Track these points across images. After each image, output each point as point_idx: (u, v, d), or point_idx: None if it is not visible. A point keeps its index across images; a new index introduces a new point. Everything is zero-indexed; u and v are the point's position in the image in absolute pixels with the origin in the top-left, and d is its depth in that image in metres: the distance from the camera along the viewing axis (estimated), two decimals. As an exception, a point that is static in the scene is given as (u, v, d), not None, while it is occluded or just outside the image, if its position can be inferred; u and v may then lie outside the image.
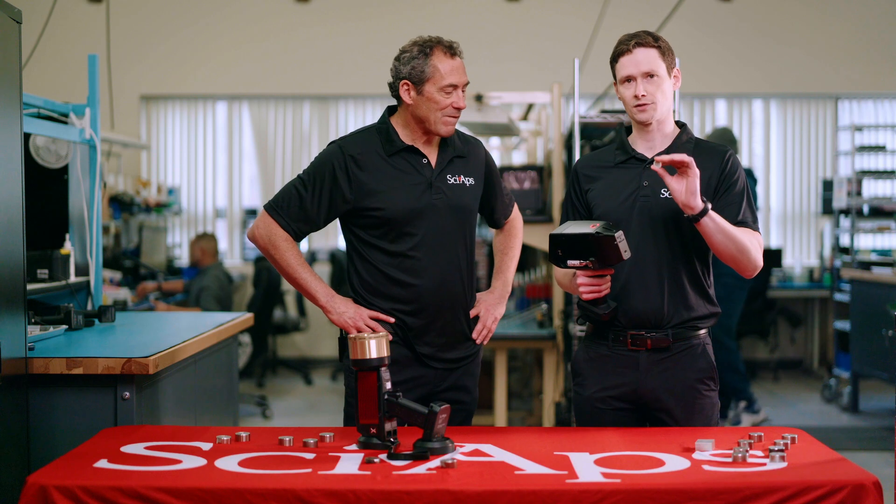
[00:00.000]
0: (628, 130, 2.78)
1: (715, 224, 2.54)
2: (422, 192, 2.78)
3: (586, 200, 2.76)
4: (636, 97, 2.64)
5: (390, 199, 2.76)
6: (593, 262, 2.55)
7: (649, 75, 2.64)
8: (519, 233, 3.08)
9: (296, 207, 2.80)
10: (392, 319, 2.79)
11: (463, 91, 2.78)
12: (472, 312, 2.89)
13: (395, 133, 2.82)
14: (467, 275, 2.87)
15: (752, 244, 2.60)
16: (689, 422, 2.66)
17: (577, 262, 2.57)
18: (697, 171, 2.50)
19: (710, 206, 2.53)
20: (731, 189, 2.66)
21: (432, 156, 2.83)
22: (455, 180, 2.83)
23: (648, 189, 2.67)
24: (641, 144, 2.73)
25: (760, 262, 2.64)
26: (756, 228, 2.66)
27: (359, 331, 2.76)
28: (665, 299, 2.65)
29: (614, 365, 2.70)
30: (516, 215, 3.08)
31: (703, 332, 2.71)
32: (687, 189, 2.50)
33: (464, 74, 2.78)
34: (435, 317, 2.80)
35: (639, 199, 2.67)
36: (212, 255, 6.93)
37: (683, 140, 2.72)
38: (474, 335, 2.89)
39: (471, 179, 2.87)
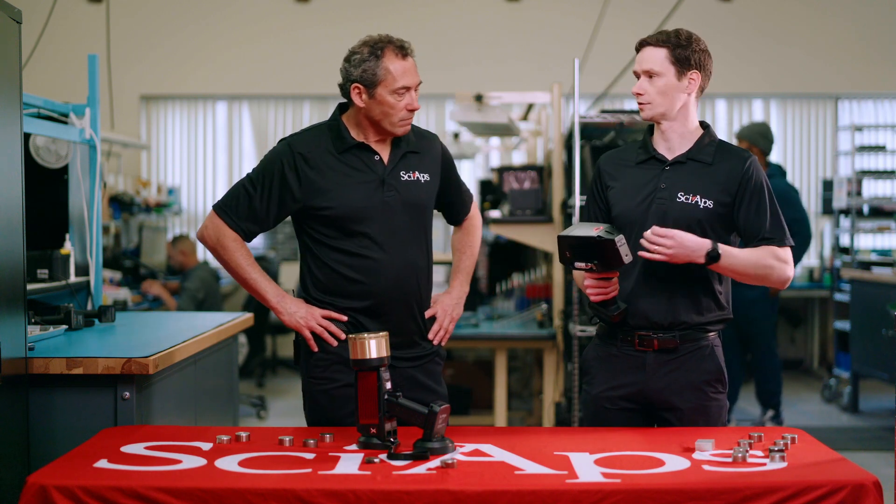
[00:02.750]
0: (653, 129, 2.77)
1: (726, 265, 2.57)
2: (374, 190, 2.73)
3: (607, 198, 2.77)
4: (635, 93, 2.70)
5: (341, 198, 2.71)
6: (596, 264, 2.57)
7: (649, 74, 2.66)
8: (477, 231, 3.03)
9: (244, 207, 2.75)
10: (345, 318, 2.74)
11: (416, 91, 2.72)
12: (429, 313, 2.83)
13: (346, 130, 2.77)
14: (423, 273, 2.81)
15: (770, 268, 2.61)
16: (695, 424, 2.65)
17: (582, 265, 2.59)
18: (669, 245, 2.52)
19: (717, 251, 2.54)
20: (754, 200, 2.64)
21: (384, 152, 2.77)
22: (409, 177, 2.78)
23: (665, 191, 2.67)
24: (662, 144, 2.73)
25: (787, 277, 2.65)
26: (783, 243, 2.64)
27: (311, 331, 2.73)
28: (674, 302, 2.66)
29: (622, 365, 2.71)
30: (475, 212, 3.02)
31: (712, 334, 2.70)
32: (678, 258, 2.54)
33: (416, 75, 2.71)
34: (389, 316, 2.74)
35: (655, 200, 2.67)
36: (193, 255, 6.92)
37: (706, 142, 2.71)
38: (430, 336, 2.83)
39: (426, 175, 2.81)
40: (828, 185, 8.78)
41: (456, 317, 2.89)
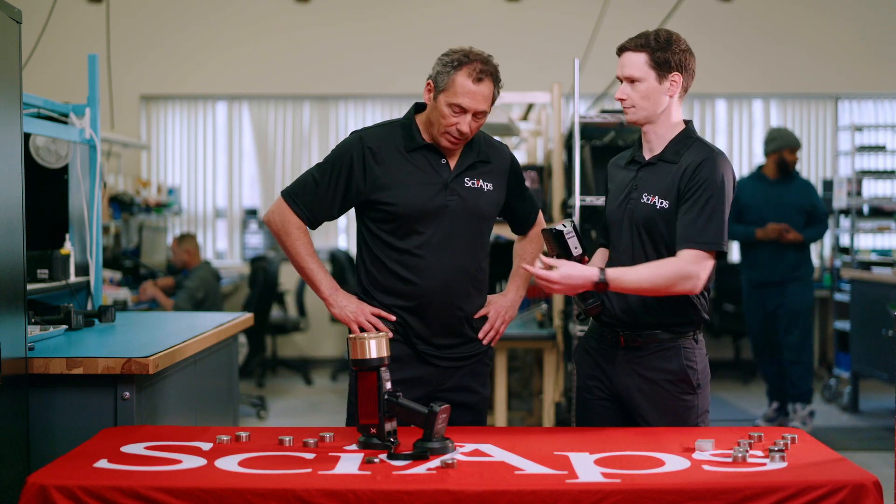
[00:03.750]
0: None
1: (617, 288, 2.60)
2: (436, 193, 2.77)
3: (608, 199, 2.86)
4: (617, 99, 2.72)
5: (403, 196, 2.75)
6: (559, 256, 2.66)
7: (630, 80, 2.68)
8: (541, 239, 3.05)
9: (311, 195, 2.80)
10: (393, 318, 2.78)
11: (476, 118, 2.71)
12: (481, 313, 2.88)
13: (418, 130, 2.81)
14: (475, 279, 2.85)
15: (670, 283, 2.57)
16: (663, 423, 2.67)
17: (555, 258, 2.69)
18: (555, 286, 2.57)
19: (604, 280, 2.56)
20: (690, 199, 2.61)
21: (453, 157, 2.81)
22: (473, 184, 2.81)
23: (636, 193, 2.72)
24: (645, 146, 2.78)
25: (693, 288, 2.58)
26: (693, 246, 2.57)
27: (360, 326, 2.77)
28: (642, 301, 2.68)
29: (598, 359, 2.79)
30: (541, 221, 3.06)
31: (683, 336, 2.70)
32: (570, 292, 2.63)
33: (482, 102, 2.69)
34: (434, 317, 2.79)
35: (629, 202, 2.72)
36: (197, 254, 6.92)
37: (678, 142, 2.71)
38: (480, 335, 2.88)
39: (490, 185, 2.84)
40: (828, 185, 8.77)
41: (509, 319, 2.93)
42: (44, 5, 5.20)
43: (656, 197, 2.66)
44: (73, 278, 3.78)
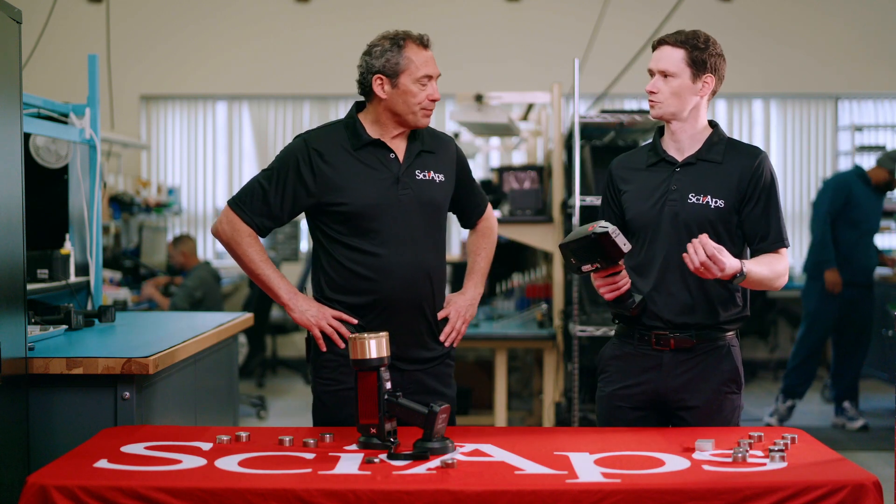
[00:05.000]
0: (662, 131, 2.78)
1: (749, 283, 2.60)
2: (388, 187, 2.73)
3: (620, 202, 2.78)
4: (648, 91, 2.70)
5: (355, 194, 2.71)
6: (601, 262, 2.57)
7: (664, 74, 2.67)
8: (493, 233, 3.01)
9: (259, 202, 2.75)
10: (356, 321, 2.72)
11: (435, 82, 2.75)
12: (441, 314, 2.82)
13: (363, 128, 2.77)
14: (435, 274, 2.80)
15: (776, 275, 2.65)
16: (709, 422, 2.66)
17: (589, 266, 2.59)
18: (714, 268, 2.47)
19: (743, 269, 2.53)
20: (761, 200, 2.66)
21: (400, 150, 2.77)
22: (424, 176, 2.77)
23: (677, 193, 2.68)
24: (671, 146, 2.74)
25: (786, 279, 2.69)
26: (783, 245, 2.68)
27: (321, 330, 2.72)
28: (690, 302, 2.67)
29: (639, 363, 2.72)
30: (490, 215, 3.01)
31: (729, 334, 2.72)
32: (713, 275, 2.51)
33: (436, 66, 2.74)
34: (397, 317, 2.72)
35: (667, 202, 2.68)
36: (194, 256, 6.92)
37: (714, 142, 2.72)
38: (442, 337, 2.82)
39: (440, 176, 2.80)
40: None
41: (469, 318, 2.88)
42: (44, 5, 5.20)
43: (709, 196, 2.65)
44: (73, 278, 3.78)
